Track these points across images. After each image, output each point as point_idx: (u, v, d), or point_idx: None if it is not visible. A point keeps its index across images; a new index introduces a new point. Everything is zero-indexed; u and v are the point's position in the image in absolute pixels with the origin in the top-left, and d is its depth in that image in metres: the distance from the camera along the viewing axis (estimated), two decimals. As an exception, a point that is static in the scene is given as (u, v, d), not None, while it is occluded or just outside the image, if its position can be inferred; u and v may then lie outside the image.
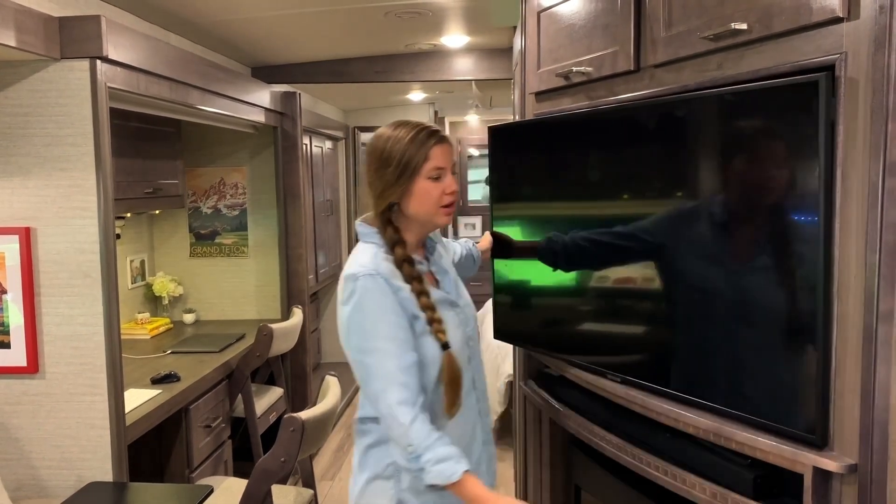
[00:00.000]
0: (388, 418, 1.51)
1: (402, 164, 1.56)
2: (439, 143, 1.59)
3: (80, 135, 2.13)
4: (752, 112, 1.47)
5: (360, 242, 1.65)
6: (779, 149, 1.42)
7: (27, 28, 1.98)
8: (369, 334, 1.53)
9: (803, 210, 1.35)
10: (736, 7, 1.46)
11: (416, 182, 1.58)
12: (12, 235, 2.15)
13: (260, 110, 3.64)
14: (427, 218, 1.62)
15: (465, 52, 4.18)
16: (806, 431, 1.36)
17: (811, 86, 1.29)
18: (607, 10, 1.89)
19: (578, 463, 2.22)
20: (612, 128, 1.89)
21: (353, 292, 1.54)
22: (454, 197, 1.62)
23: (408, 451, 1.47)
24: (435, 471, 1.46)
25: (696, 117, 1.63)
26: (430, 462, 1.46)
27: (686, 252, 1.67)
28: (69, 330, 2.19)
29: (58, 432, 2.21)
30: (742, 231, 1.52)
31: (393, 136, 1.59)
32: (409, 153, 1.56)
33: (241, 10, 3.08)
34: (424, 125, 1.61)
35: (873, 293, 1.23)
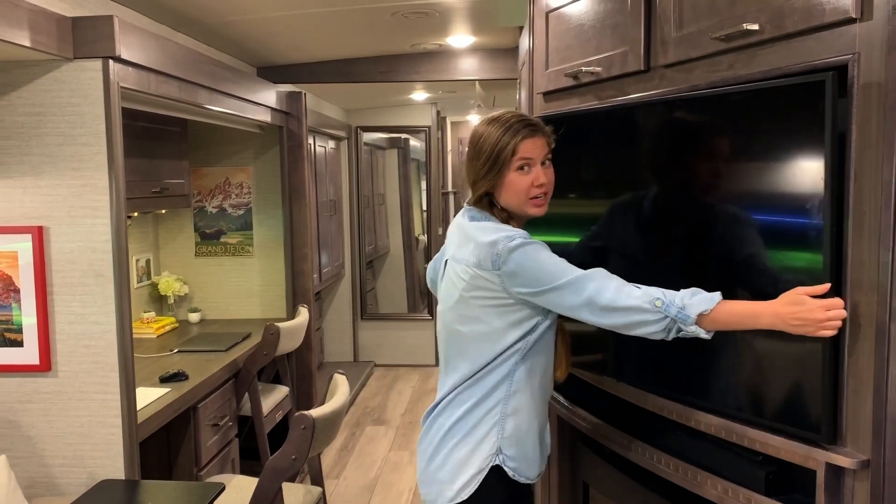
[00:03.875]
0: (620, 307, 1.49)
1: (491, 157, 1.62)
2: (530, 137, 1.63)
3: (92, 134, 2.14)
4: (756, 112, 1.49)
5: (475, 223, 1.67)
6: (785, 149, 1.43)
7: (40, 28, 1.99)
8: (551, 263, 1.56)
9: (810, 210, 1.37)
10: (747, 7, 1.47)
11: (505, 174, 1.63)
12: (25, 234, 2.16)
13: (266, 110, 3.65)
14: (518, 209, 1.67)
15: (469, 52, 4.19)
16: (811, 429, 1.38)
17: (818, 85, 1.30)
18: (617, 11, 1.90)
19: (586, 460, 2.23)
20: (611, 126, 1.90)
21: (515, 242, 1.56)
22: (543, 189, 1.65)
23: (656, 305, 1.45)
24: (696, 300, 1.44)
25: (697, 116, 1.64)
26: (686, 297, 1.45)
27: (694, 251, 1.68)
28: (81, 328, 2.20)
29: (70, 430, 2.22)
30: (747, 230, 1.54)
31: (486, 131, 1.65)
32: (499, 146, 1.62)
33: (248, 10, 3.09)
34: (519, 117, 1.66)
35: (886, 291, 1.25)
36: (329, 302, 6.22)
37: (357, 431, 4.85)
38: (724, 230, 1.59)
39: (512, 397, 1.67)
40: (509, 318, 1.63)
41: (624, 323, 1.49)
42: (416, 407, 5.29)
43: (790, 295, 1.36)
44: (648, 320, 1.46)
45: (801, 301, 1.34)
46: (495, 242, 1.58)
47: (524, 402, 1.68)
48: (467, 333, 1.68)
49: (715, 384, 1.63)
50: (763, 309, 1.39)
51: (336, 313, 6.23)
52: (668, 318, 1.44)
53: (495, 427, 1.66)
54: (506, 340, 1.64)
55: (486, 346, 1.65)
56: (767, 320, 1.38)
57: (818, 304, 1.32)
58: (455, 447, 1.68)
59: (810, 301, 1.33)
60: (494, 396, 1.66)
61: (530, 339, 1.66)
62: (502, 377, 1.66)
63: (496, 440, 1.66)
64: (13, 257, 2.18)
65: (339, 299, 6.23)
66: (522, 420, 1.68)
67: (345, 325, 6.25)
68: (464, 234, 1.68)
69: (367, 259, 6.41)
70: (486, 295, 1.62)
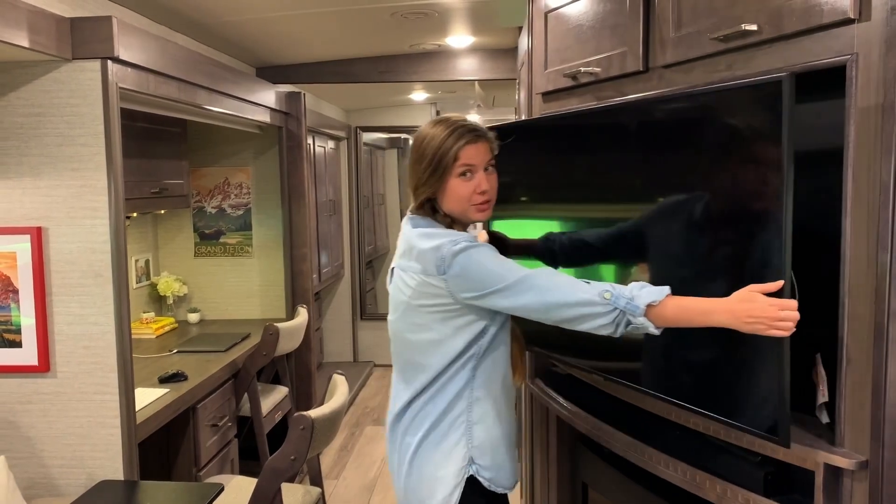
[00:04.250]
0: (568, 302, 1.47)
1: (433, 163, 1.61)
2: (472, 143, 1.61)
3: (91, 135, 2.14)
4: (722, 113, 1.49)
5: (418, 230, 1.64)
6: (745, 152, 1.43)
7: (39, 29, 1.99)
8: (497, 264, 1.55)
9: (767, 214, 1.36)
10: (746, 8, 1.47)
11: (447, 180, 1.62)
12: (24, 235, 2.16)
13: (265, 110, 3.65)
14: (461, 214, 1.66)
15: (469, 52, 4.19)
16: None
17: (774, 85, 1.29)
18: (616, 11, 1.90)
19: (586, 460, 2.23)
20: (597, 129, 1.88)
21: (458, 245, 1.55)
22: (486, 196, 1.64)
23: (605, 297, 1.43)
24: (644, 292, 1.43)
25: (676, 117, 1.64)
26: (635, 289, 1.44)
27: (688, 255, 1.67)
28: (80, 329, 2.20)
29: (69, 431, 2.22)
30: (726, 232, 1.54)
31: (430, 134, 1.63)
32: (441, 152, 1.60)
33: (247, 10, 3.09)
34: (462, 123, 1.64)
35: (884, 292, 1.25)
36: (328, 302, 6.22)
37: (356, 431, 4.85)
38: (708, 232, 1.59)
39: (475, 405, 1.66)
40: (455, 324, 1.61)
41: (572, 316, 1.48)
42: (416, 407, 5.29)
43: (743, 292, 1.34)
44: (597, 313, 1.44)
45: (754, 298, 1.32)
46: (439, 247, 1.56)
47: (488, 409, 1.67)
48: (417, 342, 1.66)
49: (710, 384, 1.63)
50: (716, 306, 1.37)
51: (335, 313, 6.24)
52: (617, 311, 1.43)
53: (463, 437, 1.66)
54: (455, 346, 1.62)
55: (437, 354, 1.64)
56: (721, 317, 1.36)
57: (771, 302, 1.30)
58: (427, 462, 1.67)
59: (763, 298, 1.31)
60: (458, 406, 1.65)
61: (482, 344, 1.64)
62: (462, 386, 1.65)
63: (466, 450, 1.66)
64: (12, 258, 2.18)
65: (339, 299, 6.23)
66: (489, 427, 1.67)
67: (344, 326, 6.26)
68: (407, 242, 1.66)
69: (367, 259, 6.42)
70: (433, 302, 1.60)
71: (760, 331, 1.31)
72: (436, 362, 1.64)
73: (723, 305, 1.36)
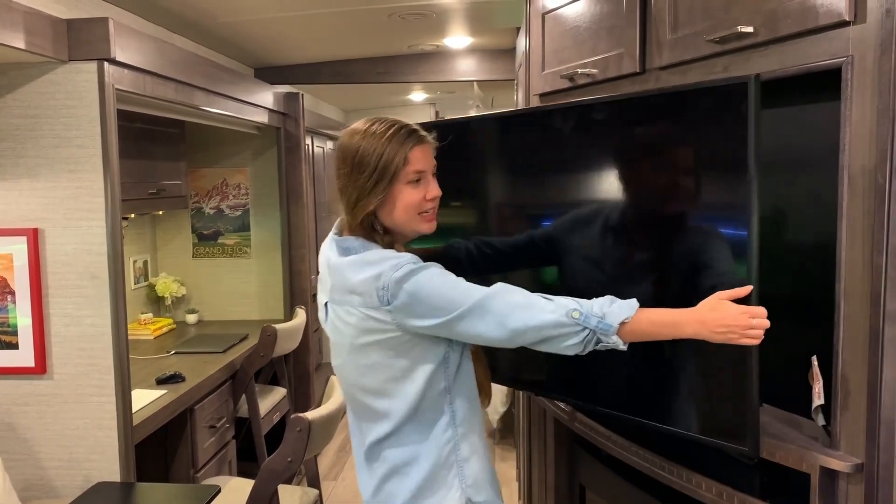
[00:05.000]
0: (534, 325, 1.33)
1: (378, 169, 1.40)
2: (419, 144, 1.44)
3: (87, 136, 2.14)
4: (688, 115, 1.49)
5: (349, 258, 1.43)
6: (712, 155, 1.43)
7: (36, 30, 1.99)
8: (449, 287, 1.37)
9: (735, 218, 1.36)
10: (742, 10, 1.47)
11: (394, 188, 1.42)
12: (20, 237, 2.16)
13: (263, 111, 3.65)
14: (408, 227, 1.46)
15: (467, 52, 4.19)
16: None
17: (740, 87, 1.29)
18: (612, 13, 1.90)
19: (583, 462, 2.23)
20: (555, 129, 1.83)
21: (401, 270, 1.35)
22: (435, 203, 1.47)
23: (574, 316, 1.31)
24: (615, 308, 1.32)
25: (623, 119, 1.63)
26: (605, 306, 1.33)
27: (671, 260, 1.66)
28: (77, 331, 2.20)
29: (65, 433, 2.22)
30: (688, 237, 1.54)
31: (367, 136, 1.42)
32: (387, 156, 1.40)
33: (245, 11, 3.09)
34: (401, 122, 1.46)
35: (880, 294, 1.24)
36: (327, 303, 6.21)
37: (355, 432, 4.84)
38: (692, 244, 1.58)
39: (462, 441, 1.48)
40: (412, 356, 1.41)
41: (537, 339, 1.34)
42: (415, 408, 5.28)
43: (712, 300, 1.30)
44: (565, 334, 1.32)
45: (723, 307, 1.28)
46: (379, 276, 1.36)
47: (475, 442, 1.51)
48: (372, 386, 1.45)
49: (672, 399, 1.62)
50: (685, 317, 1.31)
51: (334, 314, 6.22)
52: (587, 331, 1.31)
53: (456, 478, 1.48)
54: (417, 380, 1.42)
55: (398, 395, 1.43)
56: (691, 328, 1.30)
57: (742, 310, 1.27)
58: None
59: (733, 307, 1.28)
60: (444, 449, 1.47)
61: (450, 373, 1.46)
62: (444, 426, 1.47)
63: (461, 492, 1.48)
64: (8, 259, 2.17)
65: (338, 300, 6.21)
66: (480, 458, 1.51)
67: (343, 326, 6.23)
68: (337, 273, 1.44)
69: (366, 260, 6.39)
70: (379, 338, 1.39)
71: (732, 340, 1.28)
72: (399, 406, 1.44)
73: (692, 316, 1.31)
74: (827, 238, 1.35)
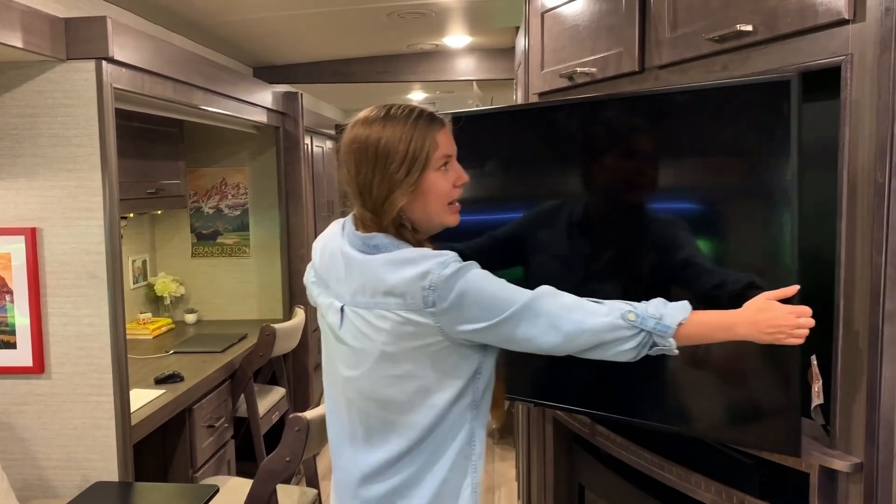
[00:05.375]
0: (588, 328, 1.25)
1: (408, 157, 1.28)
2: (443, 126, 1.34)
3: (85, 136, 2.14)
4: (725, 111, 1.48)
5: (382, 256, 1.29)
6: (747, 152, 1.43)
7: (33, 29, 1.98)
8: (497, 286, 1.27)
9: (777, 213, 1.36)
10: (741, 8, 1.47)
11: (424, 178, 1.30)
12: (18, 236, 2.16)
13: (262, 110, 3.64)
14: (437, 219, 1.34)
15: (466, 52, 4.19)
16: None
17: (783, 85, 1.29)
18: (611, 11, 1.89)
19: (582, 462, 2.23)
20: (586, 122, 1.79)
21: (449, 269, 1.24)
22: (460, 190, 1.36)
23: (629, 318, 1.24)
24: (671, 309, 1.26)
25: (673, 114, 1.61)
26: (660, 307, 1.27)
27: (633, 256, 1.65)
28: (75, 330, 2.19)
29: (63, 432, 2.22)
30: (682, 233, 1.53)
31: (389, 124, 1.30)
32: (416, 141, 1.29)
33: (243, 10, 3.09)
34: (416, 107, 1.35)
35: (879, 293, 1.24)
36: (327, 302, 6.20)
37: (354, 432, 4.83)
38: (661, 233, 1.58)
39: (479, 461, 1.36)
40: (445, 365, 1.30)
41: (592, 344, 1.26)
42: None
43: (760, 301, 1.27)
44: (622, 337, 1.25)
45: (772, 307, 1.26)
46: (425, 274, 1.23)
47: (481, 467, 1.39)
48: (396, 398, 1.31)
49: (703, 394, 1.62)
50: (737, 319, 1.27)
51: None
52: (644, 333, 1.25)
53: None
54: (443, 395, 1.30)
55: (421, 407, 1.31)
56: (743, 330, 1.26)
57: (790, 309, 1.25)
58: None
59: (781, 307, 1.26)
60: (460, 468, 1.35)
61: (479, 388, 1.34)
62: (463, 443, 1.34)
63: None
64: (6, 259, 2.17)
65: (337, 300, 6.21)
66: (476, 486, 1.39)
67: (342, 326, 6.23)
68: (367, 273, 1.29)
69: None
70: (417, 344, 1.27)
71: (780, 340, 1.25)
72: (420, 419, 1.31)
73: (743, 317, 1.27)
74: (826, 237, 1.35)
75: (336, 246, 1.37)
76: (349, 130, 1.35)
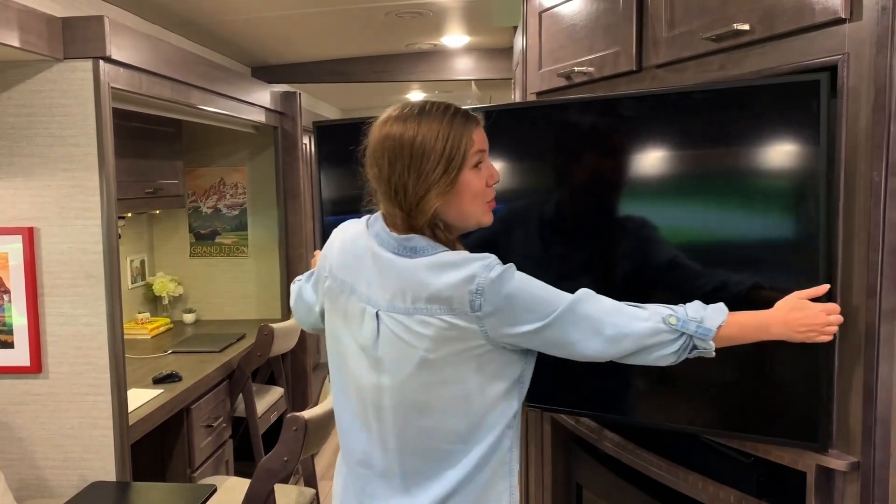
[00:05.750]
0: (631, 332, 1.24)
1: (445, 155, 1.24)
2: (477, 124, 1.31)
3: (82, 135, 2.14)
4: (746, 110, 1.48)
5: (423, 259, 1.26)
6: (774, 151, 1.42)
7: (30, 28, 1.98)
8: (539, 287, 1.26)
9: (805, 212, 1.36)
10: (738, 8, 1.47)
11: (461, 176, 1.27)
12: (15, 235, 2.16)
13: (260, 110, 3.64)
14: (473, 219, 1.32)
15: (465, 51, 4.19)
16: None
17: (812, 85, 1.29)
18: (609, 11, 1.89)
19: (580, 461, 2.22)
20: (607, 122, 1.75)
21: (495, 271, 1.22)
22: (494, 190, 1.34)
23: (671, 322, 1.24)
24: (710, 312, 1.26)
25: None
26: (699, 310, 1.26)
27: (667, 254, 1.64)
28: (72, 330, 2.19)
29: (61, 432, 2.22)
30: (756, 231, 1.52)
31: (425, 122, 1.26)
32: (453, 138, 1.25)
33: (241, 10, 3.09)
34: (451, 104, 1.32)
35: (876, 292, 1.24)
36: (325, 302, 6.20)
37: (353, 432, 4.83)
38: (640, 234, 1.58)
39: (516, 465, 1.35)
40: (488, 370, 1.27)
41: (635, 349, 1.25)
42: (413, 407, 5.27)
43: (792, 300, 1.29)
44: (664, 341, 1.24)
45: (804, 306, 1.27)
46: (471, 277, 1.21)
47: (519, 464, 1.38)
48: (434, 404, 1.28)
49: (705, 392, 1.62)
50: (771, 318, 1.28)
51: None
52: (685, 336, 1.24)
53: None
54: (485, 401, 1.28)
55: (460, 415, 1.28)
56: (777, 329, 1.27)
57: (821, 307, 1.27)
58: None
59: (812, 305, 1.27)
60: (501, 474, 1.33)
61: (522, 394, 1.33)
62: (502, 458, 1.32)
63: None
64: (4, 258, 2.17)
65: (336, 299, 6.21)
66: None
67: (341, 326, 6.23)
68: (408, 277, 1.25)
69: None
70: (460, 349, 1.24)
71: (811, 338, 1.27)
72: (459, 425, 1.28)
73: (776, 317, 1.28)
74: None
75: (362, 246, 1.33)
76: (379, 128, 1.31)
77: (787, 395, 1.43)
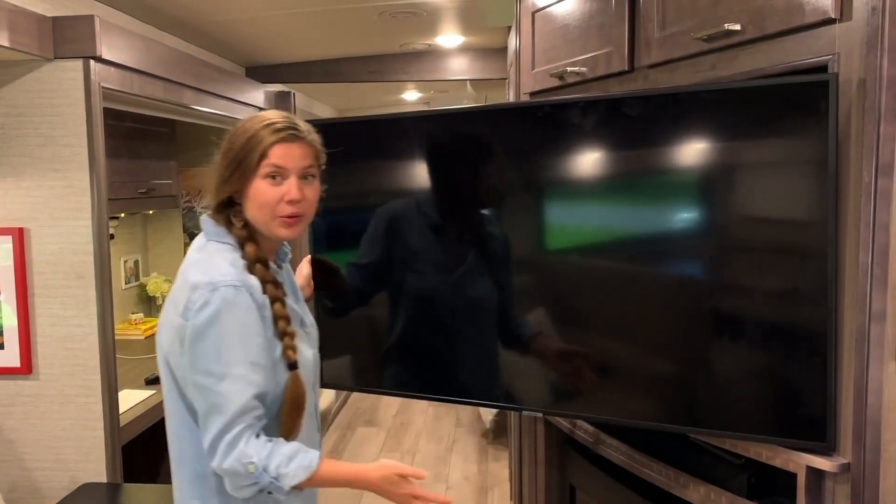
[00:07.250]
0: (220, 453, 1.30)
1: (238, 156, 1.36)
2: (287, 142, 1.36)
3: (73, 135, 2.13)
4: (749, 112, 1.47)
5: (207, 242, 1.41)
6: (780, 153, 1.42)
7: (20, 28, 1.97)
8: (225, 357, 1.30)
9: (801, 215, 1.35)
10: (729, 8, 1.47)
11: (251, 180, 1.36)
12: (6, 236, 2.15)
13: (254, 110, 3.63)
14: (264, 226, 1.39)
15: (459, 51, 4.18)
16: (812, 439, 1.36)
17: (821, 86, 1.27)
18: (601, 11, 1.89)
19: (573, 463, 2.22)
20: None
21: (208, 304, 1.30)
22: (296, 208, 1.37)
23: (249, 470, 1.29)
24: (292, 468, 1.30)
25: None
26: (283, 464, 1.30)
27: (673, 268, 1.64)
28: (63, 331, 2.18)
29: (51, 434, 2.21)
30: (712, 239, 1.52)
31: (244, 125, 1.39)
32: (250, 145, 1.35)
33: (235, 10, 3.08)
34: (282, 118, 1.39)
35: (866, 293, 1.24)
36: (321, 302, 6.19)
37: (348, 433, 4.83)
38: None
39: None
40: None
41: (220, 470, 1.31)
42: (408, 408, 5.28)
43: (388, 471, 1.38)
44: (241, 485, 1.31)
45: (396, 483, 1.37)
46: (196, 286, 1.31)
47: None
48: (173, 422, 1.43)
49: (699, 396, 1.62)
50: (358, 476, 1.38)
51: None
52: (258, 485, 1.30)
53: None
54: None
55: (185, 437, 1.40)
56: (361, 485, 1.39)
57: (410, 492, 1.37)
58: None
59: (405, 487, 1.37)
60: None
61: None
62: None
63: None
64: (-6, 259, 2.15)
65: (331, 300, 6.20)
66: None
67: (337, 326, 6.22)
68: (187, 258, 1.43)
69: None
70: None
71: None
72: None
73: (365, 476, 1.38)
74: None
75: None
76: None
77: (796, 396, 1.43)
